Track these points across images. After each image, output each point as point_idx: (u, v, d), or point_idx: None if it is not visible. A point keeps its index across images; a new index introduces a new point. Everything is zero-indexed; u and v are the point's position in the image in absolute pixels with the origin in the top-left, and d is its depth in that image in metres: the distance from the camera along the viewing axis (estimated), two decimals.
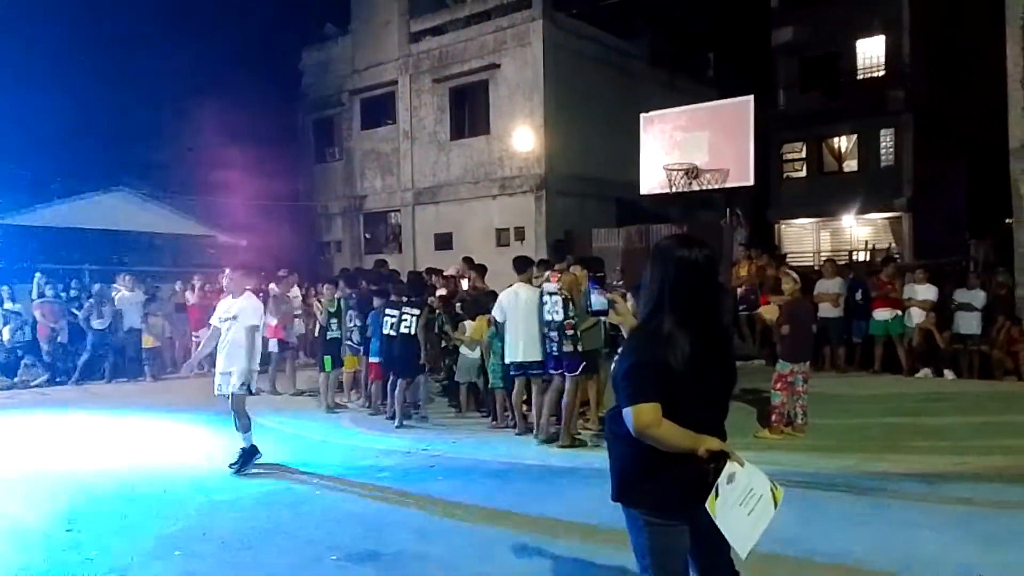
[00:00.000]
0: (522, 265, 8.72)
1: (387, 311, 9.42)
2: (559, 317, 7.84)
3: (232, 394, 7.10)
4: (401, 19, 20.60)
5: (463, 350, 9.69)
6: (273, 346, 11.51)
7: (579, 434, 8.13)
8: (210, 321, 7.66)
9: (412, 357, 9.18)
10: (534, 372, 8.30)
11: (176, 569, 4.83)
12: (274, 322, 11.31)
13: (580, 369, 7.80)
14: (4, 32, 19.09)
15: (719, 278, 3.24)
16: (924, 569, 4.53)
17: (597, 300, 3.34)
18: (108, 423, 9.94)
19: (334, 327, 10.39)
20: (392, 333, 9.25)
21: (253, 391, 7.29)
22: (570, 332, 7.75)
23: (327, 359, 10.39)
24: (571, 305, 7.75)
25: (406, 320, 9.13)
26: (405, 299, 9.37)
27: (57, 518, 5.83)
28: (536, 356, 8.25)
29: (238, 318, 7.12)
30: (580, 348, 7.76)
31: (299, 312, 12.77)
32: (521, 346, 8.21)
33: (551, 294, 7.95)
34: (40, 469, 7.45)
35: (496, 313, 8.51)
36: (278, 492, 6.55)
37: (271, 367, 11.69)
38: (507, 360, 8.41)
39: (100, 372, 13.62)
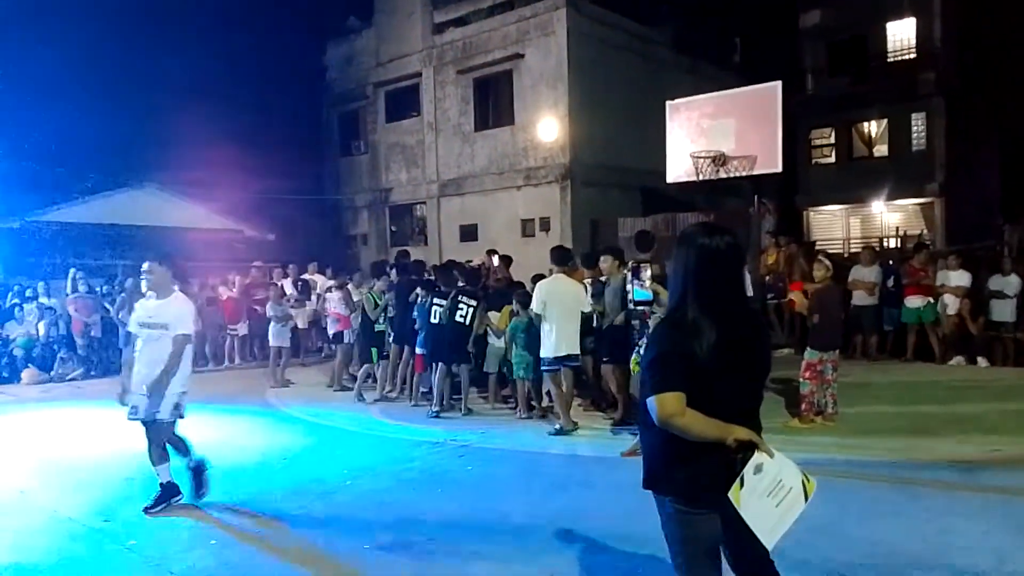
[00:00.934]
0: (561, 256, 8.63)
1: (435, 300, 9.51)
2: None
3: (156, 422, 5.68)
4: (424, 10, 20.60)
5: (491, 339, 9.72)
6: (348, 337, 11.53)
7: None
8: (128, 328, 6.35)
9: (464, 345, 9.30)
10: (570, 364, 8.29)
11: (212, 558, 4.91)
12: (349, 313, 11.38)
13: None
14: (34, 32, 19.43)
15: (744, 266, 3.22)
16: (959, 557, 4.48)
17: (640, 291, 3.34)
18: None
19: (382, 320, 10.41)
20: (441, 322, 9.32)
21: (183, 415, 5.86)
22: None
23: (374, 351, 10.46)
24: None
25: (461, 309, 9.22)
26: (458, 289, 9.43)
27: (95, 509, 5.95)
28: (575, 349, 8.24)
29: (169, 327, 5.68)
30: None
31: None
32: (565, 340, 8.12)
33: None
34: (77, 461, 7.61)
35: (535, 305, 8.29)
36: (309, 483, 6.63)
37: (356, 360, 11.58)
38: (547, 355, 8.20)
39: None
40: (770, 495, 2.65)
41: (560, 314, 8.15)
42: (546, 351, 8.22)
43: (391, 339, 10.72)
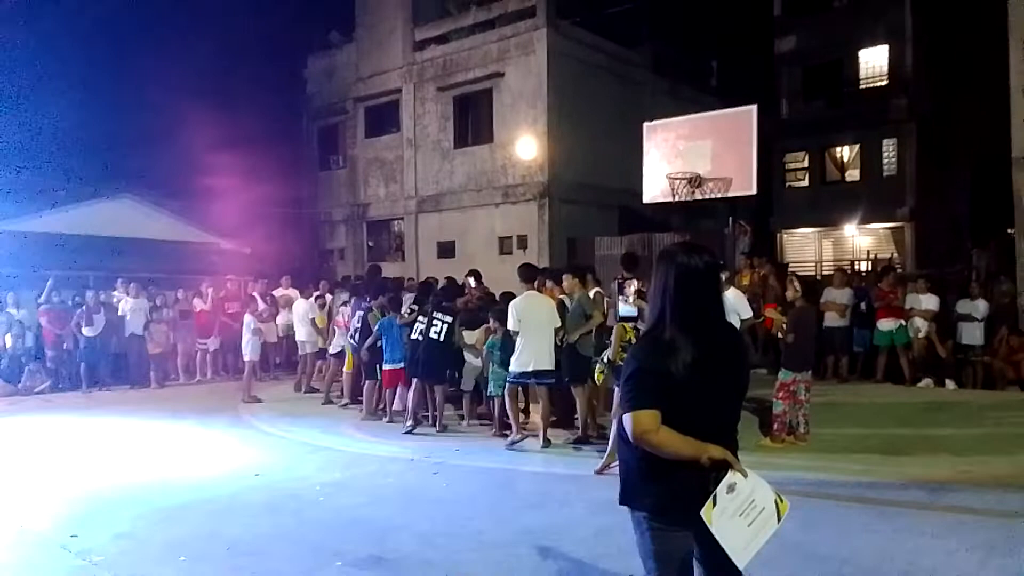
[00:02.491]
0: (528, 273, 8.62)
1: (418, 317, 9.49)
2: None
3: None
4: (405, 27, 20.70)
5: (468, 357, 9.71)
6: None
7: None
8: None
9: (439, 362, 9.26)
10: (544, 381, 8.29)
11: (182, 574, 4.85)
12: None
13: None
14: (10, 39, 19.26)
15: (721, 286, 3.26)
16: None
17: (625, 307, 3.37)
18: (112, 429, 9.97)
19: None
20: (419, 338, 9.31)
21: None
22: None
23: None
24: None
25: (436, 325, 9.18)
26: (434, 305, 9.42)
27: (62, 524, 5.85)
28: (549, 365, 8.22)
29: None
30: None
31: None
32: (535, 356, 8.11)
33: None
34: (44, 475, 7.48)
35: (510, 323, 8.27)
36: (282, 498, 6.56)
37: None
38: (521, 370, 8.17)
39: (98, 379, 13.60)
40: (742, 515, 2.67)
41: (533, 330, 8.14)
42: (511, 366, 8.25)
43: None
